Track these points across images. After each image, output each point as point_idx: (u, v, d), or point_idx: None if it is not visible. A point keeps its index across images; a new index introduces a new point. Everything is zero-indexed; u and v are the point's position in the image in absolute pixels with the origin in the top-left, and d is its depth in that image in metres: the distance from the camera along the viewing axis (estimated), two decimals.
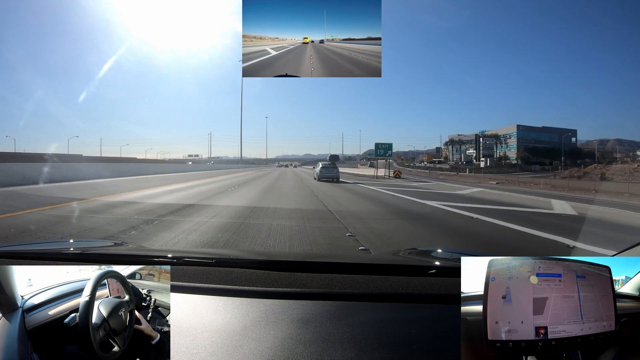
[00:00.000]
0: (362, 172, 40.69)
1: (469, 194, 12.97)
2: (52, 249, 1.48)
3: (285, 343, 0.80)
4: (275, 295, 0.99)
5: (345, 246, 4.05)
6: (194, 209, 6.87)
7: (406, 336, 0.84)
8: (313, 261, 1.31)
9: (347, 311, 0.93)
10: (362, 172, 42.58)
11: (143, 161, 44.90)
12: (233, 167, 59.56)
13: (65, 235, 4.39)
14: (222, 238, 4.32)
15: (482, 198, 11.23)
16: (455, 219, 6.78)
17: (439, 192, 13.12)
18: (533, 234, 5.23)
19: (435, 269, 1.16)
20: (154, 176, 20.84)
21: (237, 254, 1.78)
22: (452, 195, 12.14)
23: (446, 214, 7.40)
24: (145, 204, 7.59)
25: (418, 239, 4.83)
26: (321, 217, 6.35)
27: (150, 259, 1.27)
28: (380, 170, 32.81)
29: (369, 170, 43.69)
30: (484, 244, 4.68)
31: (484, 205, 9.05)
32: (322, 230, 4.97)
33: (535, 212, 8.01)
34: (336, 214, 6.54)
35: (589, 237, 5.03)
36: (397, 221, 6.40)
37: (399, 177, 30.10)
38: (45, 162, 16.01)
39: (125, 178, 17.42)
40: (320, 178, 19.40)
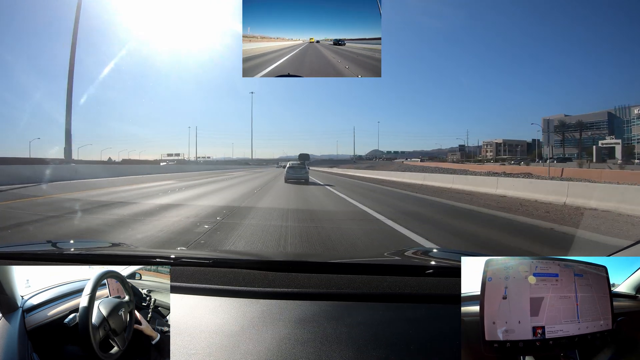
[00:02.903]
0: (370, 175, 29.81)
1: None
2: (51, 250, 1.48)
3: (283, 343, 0.80)
4: (273, 296, 0.99)
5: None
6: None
7: (404, 336, 0.84)
8: (310, 261, 1.32)
9: (345, 311, 0.93)
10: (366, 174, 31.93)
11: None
12: (221, 167, 55.86)
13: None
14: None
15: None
16: None
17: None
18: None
19: (432, 268, 1.16)
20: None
21: (235, 254, 1.79)
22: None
23: None
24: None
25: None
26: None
27: (150, 259, 1.27)
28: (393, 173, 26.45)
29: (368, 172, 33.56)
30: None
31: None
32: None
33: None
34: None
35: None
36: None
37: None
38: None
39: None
40: (287, 179, 17.88)
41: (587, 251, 4.38)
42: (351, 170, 43.87)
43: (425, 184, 17.09)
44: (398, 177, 23.06)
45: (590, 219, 6.74)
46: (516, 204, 9.10)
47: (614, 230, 5.50)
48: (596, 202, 7.97)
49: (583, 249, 4.47)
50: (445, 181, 16.14)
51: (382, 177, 25.61)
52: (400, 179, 21.69)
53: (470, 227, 6.00)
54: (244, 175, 29.75)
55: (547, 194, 9.57)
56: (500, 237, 5.21)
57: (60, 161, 20.17)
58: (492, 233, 5.53)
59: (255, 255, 1.55)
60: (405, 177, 21.75)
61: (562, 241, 4.91)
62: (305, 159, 28.39)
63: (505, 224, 6.39)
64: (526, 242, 4.87)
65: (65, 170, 17.85)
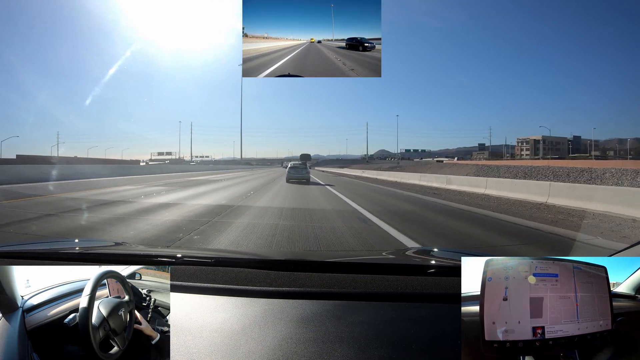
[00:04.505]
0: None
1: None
2: (52, 249, 1.48)
3: (285, 342, 0.80)
4: (275, 295, 0.99)
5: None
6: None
7: (405, 335, 0.84)
8: (312, 260, 1.32)
9: (347, 310, 0.93)
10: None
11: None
12: (219, 168, 51.12)
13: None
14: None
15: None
16: None
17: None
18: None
19: (434, 268, 1.16)
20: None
21: (236, 253, 1.79)
22: None
23: None
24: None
25: None
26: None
27: (150, 258, 1.27)
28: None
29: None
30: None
31: None
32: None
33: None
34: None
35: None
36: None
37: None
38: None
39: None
40: (288, 179, 17.88)
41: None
42: (369, 172, 32.21)
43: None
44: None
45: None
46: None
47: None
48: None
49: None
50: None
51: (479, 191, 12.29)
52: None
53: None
54: (231, 178, 23.30)
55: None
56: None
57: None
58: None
59: (256, 255, 1.55)
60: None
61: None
62: (306, 159, 27.97)
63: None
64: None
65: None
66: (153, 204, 8.30)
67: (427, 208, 8.78)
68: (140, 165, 38.60)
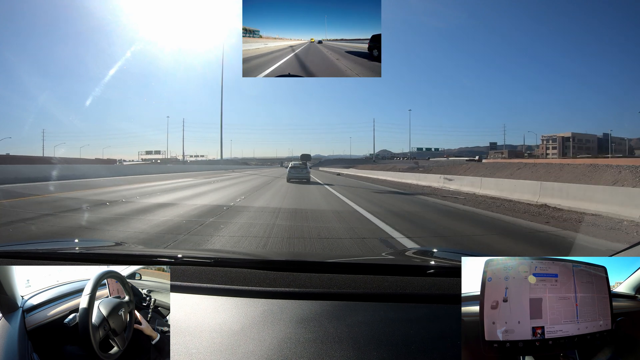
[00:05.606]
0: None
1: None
2: (52, 249, 1.48)
3: (284, 343, 0.80)
4: (274, 295, 0.99)
5: None
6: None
7: (405, 336, 0.84)
8: (311, 261, 1.31)
9: (346, 311, 0.93)
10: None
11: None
12: (215, 168, 47.06)
13: None
14: None
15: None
16: None
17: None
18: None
19: (434, 268, 1.16)
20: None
21: (236, 254, 1.79)
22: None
23: None
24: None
25: None
26: None
27: (150, 259, 1.27)
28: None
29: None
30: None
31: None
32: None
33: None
34: None
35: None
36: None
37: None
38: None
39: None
40: (289, 179, 18.17)
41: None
42: (383, 173, 27.42)
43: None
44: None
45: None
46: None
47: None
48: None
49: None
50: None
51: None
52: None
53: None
54: (217, 182, 18.51)
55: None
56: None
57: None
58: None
59: (256, 255, 1.55)
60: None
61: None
62: (307, 159, 27.85)
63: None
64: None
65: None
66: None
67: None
68: (125, 165, 34.60)
